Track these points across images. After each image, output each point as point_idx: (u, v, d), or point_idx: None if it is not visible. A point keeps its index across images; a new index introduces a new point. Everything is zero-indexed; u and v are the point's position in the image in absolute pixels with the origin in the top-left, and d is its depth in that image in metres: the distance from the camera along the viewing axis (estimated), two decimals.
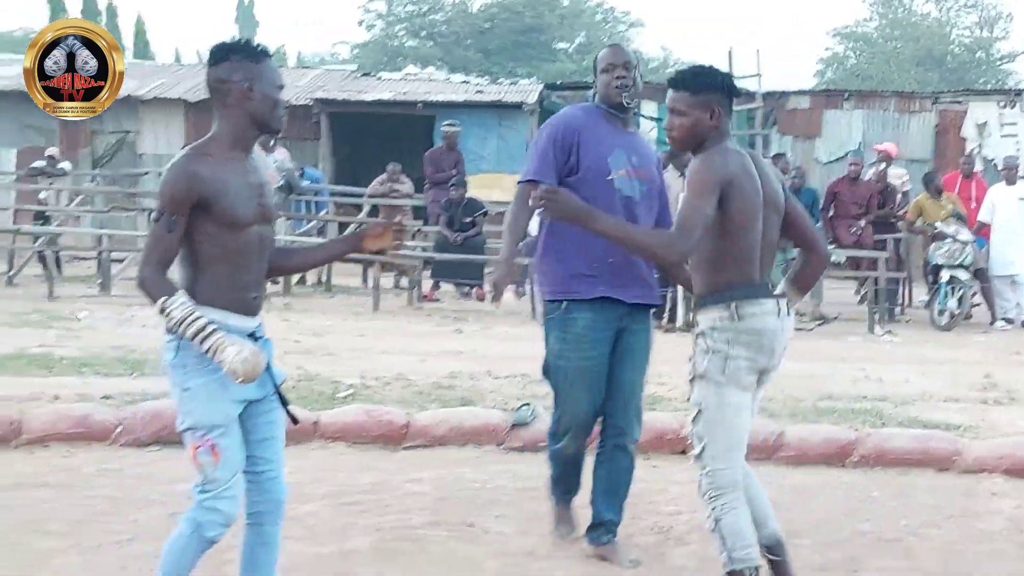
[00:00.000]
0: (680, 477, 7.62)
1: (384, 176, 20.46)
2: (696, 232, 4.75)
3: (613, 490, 6.06)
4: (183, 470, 5.27)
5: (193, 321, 4.23)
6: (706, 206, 4.77)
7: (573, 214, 4.88)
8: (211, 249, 4.35)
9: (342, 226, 20.97)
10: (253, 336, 4.45)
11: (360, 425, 8.24)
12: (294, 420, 4.65)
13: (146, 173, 24.58)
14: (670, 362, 12.13)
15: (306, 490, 7.08)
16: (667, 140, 5.06)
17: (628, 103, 5.87)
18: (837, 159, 25.20)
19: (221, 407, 4.38)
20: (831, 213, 17.84)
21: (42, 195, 22.17)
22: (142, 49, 56.44)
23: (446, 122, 20.17)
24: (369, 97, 25.62)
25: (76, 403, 8.65)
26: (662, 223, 5.93)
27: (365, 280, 19.40)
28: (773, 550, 5.23)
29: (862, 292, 17.92)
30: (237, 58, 4.46)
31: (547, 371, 6.05)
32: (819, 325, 15.58)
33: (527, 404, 8.57)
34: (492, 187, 22.90)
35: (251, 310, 4.48)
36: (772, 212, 5.04)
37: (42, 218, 21.42)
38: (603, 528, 6.05)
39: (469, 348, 12.64)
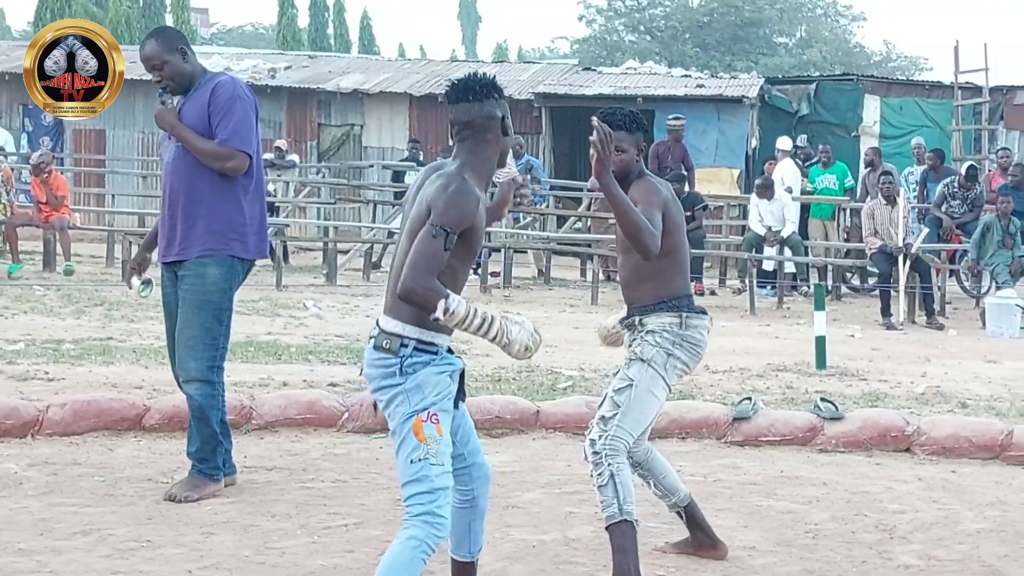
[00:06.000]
0: (904, 475, 7.50)
1: None
2: (660, 235, 5.23)
3: None
4: None
5: (476, 314, 4.37)
6: (659, 219, 5.29)
7: (608, 175, 5.12)
8: (444, 275, 4.39)
9: (560, 219, 21.07)
10: (450, 350, 4.54)
11: (580, 416, 8.28)
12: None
13: (371, 166, 25.04)
14: (893, 359, 12.04)
15: (527, 478, 7.18)
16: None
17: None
18: None
19: (448, 397, 4.46)
20: None
21: (270, 187, 22.81)
22: (367, 44, 57.61)
23: (671, 116, 19.85)
24: (589, 91, 25.65)
25: (304, 390, 8.86)
26: None
27: (583, 273, 19.49)
28: (689, 507, 5.83)
29: None
30: (497, 96, 4.59)
31: None
32: None
33: (748, 398, 8.52)
34: (712, 181, 22.76)
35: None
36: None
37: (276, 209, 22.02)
38: None
39: None
